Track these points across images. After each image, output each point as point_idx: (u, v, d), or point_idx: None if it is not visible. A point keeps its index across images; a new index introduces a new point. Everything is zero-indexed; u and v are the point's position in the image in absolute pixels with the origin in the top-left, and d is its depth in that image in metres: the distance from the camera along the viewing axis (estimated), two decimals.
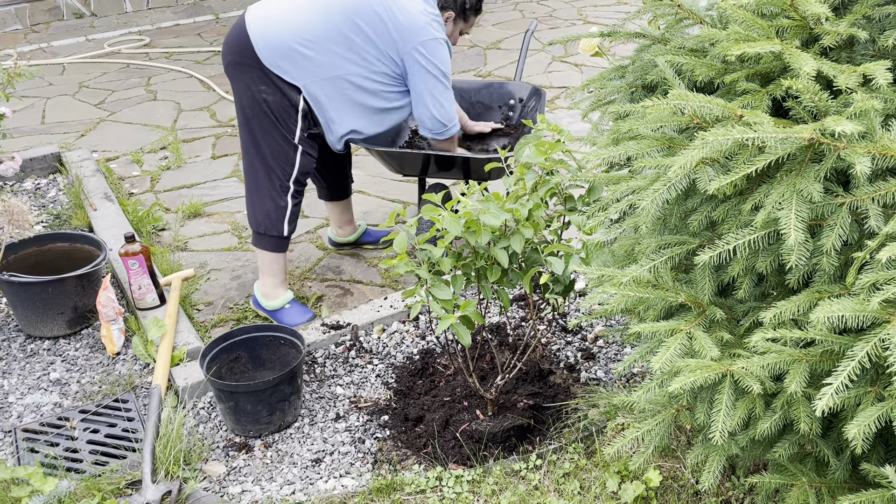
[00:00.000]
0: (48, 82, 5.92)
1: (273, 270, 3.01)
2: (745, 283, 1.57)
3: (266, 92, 2.79)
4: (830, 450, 1.58)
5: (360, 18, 2.75)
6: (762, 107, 1.55)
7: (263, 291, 3.04)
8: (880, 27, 1.56)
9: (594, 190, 2.11)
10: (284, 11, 2.80)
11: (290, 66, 2.76)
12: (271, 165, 2.87)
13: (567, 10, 7.29)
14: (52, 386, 2.72)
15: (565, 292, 2.14)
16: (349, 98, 2.85)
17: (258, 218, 2.93)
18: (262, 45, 2.75)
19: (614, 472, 2.11)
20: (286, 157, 2.87)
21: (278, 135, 2.84)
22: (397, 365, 2.73)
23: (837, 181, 1.46)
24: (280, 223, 2.93)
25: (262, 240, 2.96)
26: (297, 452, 2.39)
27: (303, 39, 2.75)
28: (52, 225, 3.79)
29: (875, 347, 1.27)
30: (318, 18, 2.77)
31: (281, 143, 2.85)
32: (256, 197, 2.93)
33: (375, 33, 2.76)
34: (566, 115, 4.85)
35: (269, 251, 2.98)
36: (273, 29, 2.76)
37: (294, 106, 2.82)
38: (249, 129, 2.87)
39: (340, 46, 2.77)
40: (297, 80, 2.78)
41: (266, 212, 2.91)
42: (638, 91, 2.00)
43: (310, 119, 2.87)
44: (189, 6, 8.03)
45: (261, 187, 2.90)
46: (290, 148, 2.86)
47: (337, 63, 2.79)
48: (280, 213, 2.92)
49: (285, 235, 2.96)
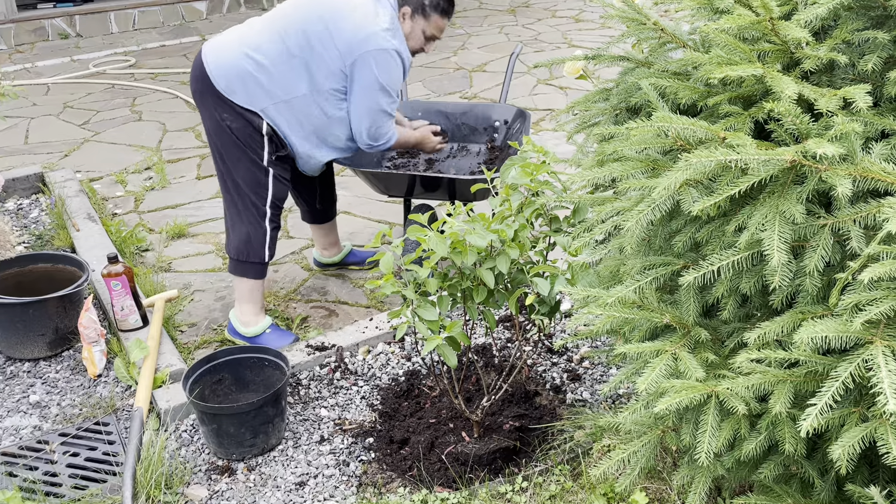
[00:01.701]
0: (32, 102, 5.90)
1: (253, 298, 2.98)
2: (729, 303, 1.58)
3: (229, 119, 2.76)
4: (815, 471, 1.58)
5: (309, 34, 2.70)
6: (745, 129, 1.57)
7: (242, 320, 3.00)
8: (860, 52, 1.59)
9: (579, 211, 2.12)
10: (238, 36, 2.79)
11: (244, 91, 2.74)
12: (245, 192, 2.84)
13: (552, 33, 7.37)
14: (31, 409, 2.68)
15: (551, 313, 2.14)
16: (306, 118, 2.81)
17: (238, 245, 2.90)
18: (216, 72, 2.73)
19: (600, 494, 2.10)
20: (258, 181, 2.84)
21: (247, 160, 2.81)
22: (382, 386, 2.72)
23: (819, 203, 1.47)
24: (261, 249, 2.90)
25: (243, 267, 2.92)
26: (280, 475, 2.36)
27: (255, 63, 2.72)
28: (35, 246, 3.76)
29: (858, 368, 1.28)
30: (270, 41, 2.73)
31: (251, 168, 2.82)
32: (236, 223, 2.89)
33: (323, 47, 2.71)
34: (551, 137, 4.89)
35: (250, 278, 2.94)
36: (226, 55, 2.74)
37: (258, 130, 2.78)
38: (220, 157, 2.85)
39: (293, 68, 2.73)
40: (253, 105, 2.75)
41: (246, 238, 2.88)
42: (622, 113, 2.01)
43: (276, 142, 2.83)
44: (175, 27, 8.05)
45: (239, 214, 2.87)
46: (261, 172, 2.83)
47: (291, 85, 2.75)
48: (260, 238, 2.89)
49: (266, 261, 2.93)
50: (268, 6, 8.75)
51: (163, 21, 8.12)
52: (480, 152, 3.52)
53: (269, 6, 8.75)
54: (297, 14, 2.75)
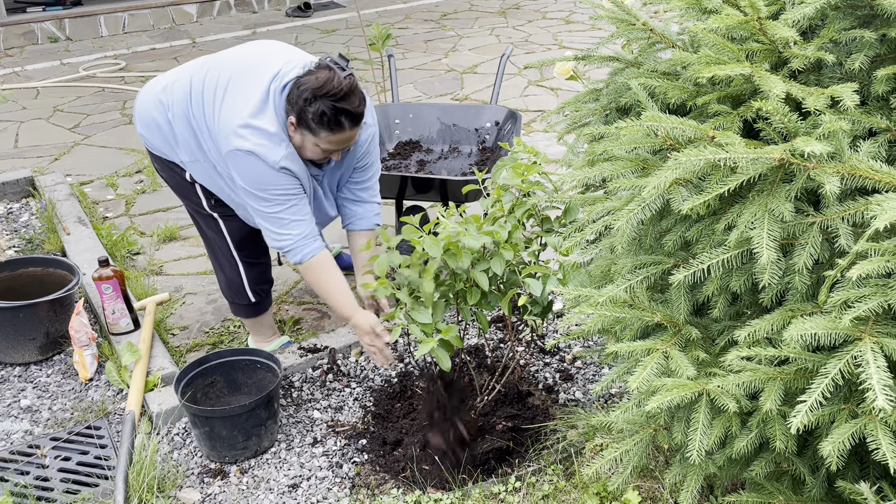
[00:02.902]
0: (22, 106, 5.87)
1: (259, 329, 2.96)
2: (719, 302, 1.59)
3: (158, 167, 2.66)
4: (806, 467, 1.58)
5: (204, 106, 2.40)
6: (733, 128, 1.57)
7: (258, 344, 2.98)
8: (847, 51, 1.60)
9: (570, 211, 2.13)
10: (159, 84, 2.55)
11: (158, 143, 2.55)
12: (210, 238, 2.75)
13: (542, 35, 7.38)
14: (22, 413, 2.67)
15: (543, 313, 2.15)
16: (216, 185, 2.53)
17: (223, 289, 2.86)
18: (137, 121, 2.59)
19: (593, 494, 2.11)
20: (214, 227, 2.68)
21: (193, 209, 2.69)
22: (375, 388, 2.72)
23: (808, 201, 1.48)
24: (242, 290, 2.78)
25: (237, 308, 2.90)
26: (273, 478, 2.36)
27: (165, 117, 2.48)
28: (25, 250, 3.74)
29: (848, 365, 1.29)
30: (182, 97, 2.44)
31: (200, 216, 2.69)
32: (216, 270, 2.85)
33: (201, 130, 2.43)
34: (542, 138, 4.90)
35: (245, 318, 2.93)
36: (147, 100, 2.55)
37: (189, 182, 2.59)
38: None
39: (188, 130, 2.46)
40: (171, 157, 2.55)
41: (227, 282, 2.81)
42: (612, 114, 2.02)
43: (208, 190, 2.59)
44: (165, 30, 8.03)
45: (214, 261, 2.83)
46: (210, 219, 2.67)
47: (191, 149, 2.48)
48: (238, 284, 2.77)
49: (253, 302, 2.82)
50: (258, 9, 8.74)
51: (153, 24, 8.10)
52: (471, 153, 3.52)
53: (260, 9, 8.74)
54: (212, 73, 2.42)
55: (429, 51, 7.01)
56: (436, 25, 7.93)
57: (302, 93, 2.22)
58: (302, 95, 2.22)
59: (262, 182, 2.33)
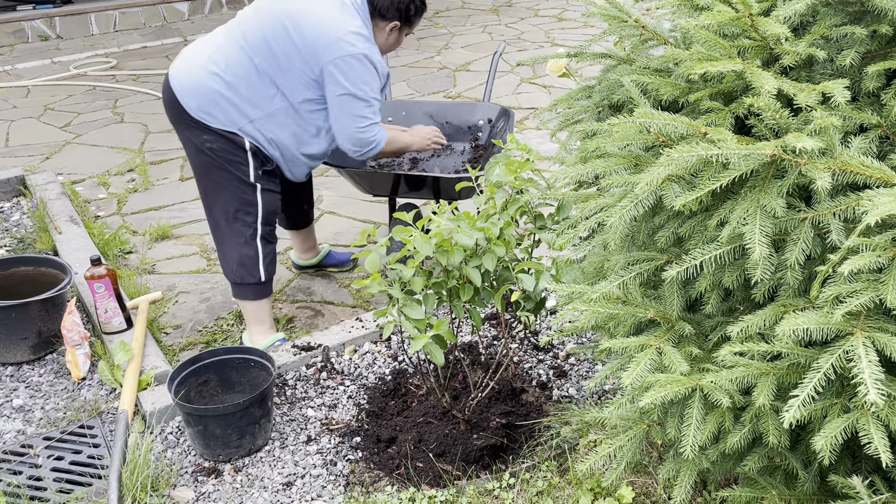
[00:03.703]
0: (12, 105, 5.84)
1: (259, 318, 2.94)
2: (712, 297, 1.59)
3: (209, 140, 2.69)
4: (799, 462, 1.59)
5: (272, 45, 2.61)
6: (725, 124, 1.58)
7: (253, 340, 2.96)
8: (838, 47, 1.61)
9: (563, 208, 2.13)
10: (202, 55, 2.67)
11: (218, 113, 2.66)
12: (234, 213, 2.77)
13: (535, 32, 7.38)
14: (15, 413, 2.66)
15: (536, 310, 2.15)
16: (285, 131, 2.73)
17: (232, 268, 2.84)
18: (186, 97, 2.65)
19: (587, 490, 2.11)
20: (247, 199, 2.76)
21: (234, 179, 2.73)
22: (369, 386, 2.72)
23: (800, 196, 1.49)
24: (256, 269, 2.82)
25: (242, 290, 2.87)
26: (267, 476, 2.35)
27: (224, 83, 2.64)
28: (16, 249, 3.72)
29: (839, 359, 1.29)
30: (236, 57, 2.64)
31: (239, 187, 2.74)
32: (227, 248, 2.83)
33: (288, 58, 2.61)
34: (535, 135, 4.90)
35: (251, 300, 2.90)
36: (194, 77, 2.65)
37: (241, 147, 2.71)
38: (205, 183, 2.78)
39: (262, 83, 2.65)
40: (229, 126, 2.67)
41: (239, 261, 2.81)
42: (605, 110, 2.02)
43: (261, 156, 2.76)
44: (156, 28, 8.00)
45: (229, 238, 2.81)
46: (249, 189, 2.75)
47: (263, 102, 2.67)
48: (253, 259, 2.81)
49: (263, 280, 2.85)
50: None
51: (144, 22, 8.07)
52: (465, 151, 3.52)
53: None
54: (258, 23, 2.63)
55: (421, 48, 7.01)
56: (428, 23, 7.93)
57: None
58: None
59: (367, 82, 2.63)
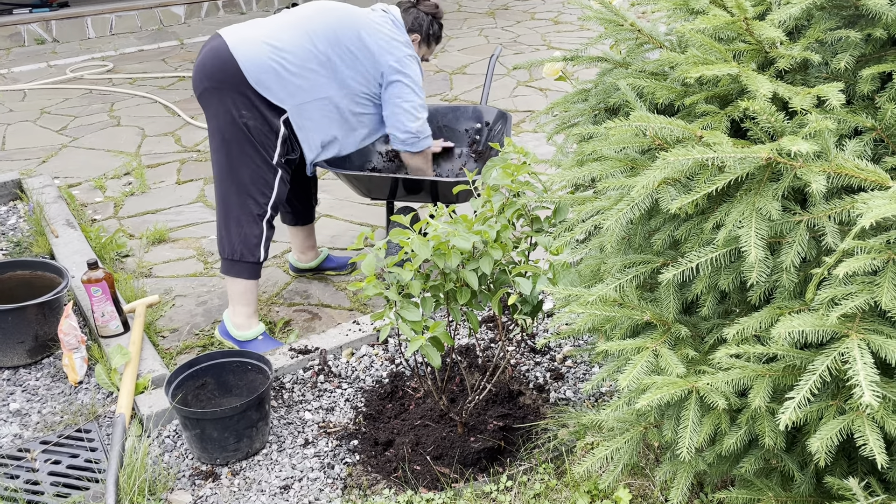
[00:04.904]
0: (9, 108, 5.84)
1: (247, 300, 2.96)
2: (708, 300, 1.60)
3: (247, 116, 2.80)
4: (795, 464, 1.60)
5: (341, 39, 2.87)
6: (721, 128, 1.59)
7: (235, 322, 2.98)
8: (832, 51, 1.62)
9: (560, 211, 2.13)
10: (262, 33, 2.83)
11: (276, 87, 2.80)
12: (249, 190, 2.85)
13: (531, 35, 7.40)
14: (11, 417, 2.66)
15: (533, 312, 2.15)
16: (331, 118, 2.93)
17: (233, 244, 2.88)
18: (248, 65, 2.76)
19: (584, 492, 2.11)
20: (265, 180, 2.87)
21: (258, 158, 2.84)
22: (367, 389, 2.72)
23: (795, 199, 1.49)
24: (257, 248, 2.91)
25: (237, 267, 2.90)
26: (265, 480, 2.35)
27: (283, 63, 2.80)
28: (13, 252, 3.72)
29: (835, 361, 1.30)
30: (298, 42, 2.84)
31: (260, 166, 2.85)
32: (232, 223, 2.87)
33: (356, 53, 2.90)
34: (532, 138, 4.91)
35: (244, 279, 2.92)
36: (255, 50, 2.79)
37: (275, 132, 2.85)
38: (227, 154, 2.84)
39: (321, 70, 2.86)
40: (284, 102, 2.82)
41: (243, 237, 2.87)
42: (601, 114, 2.03)
43: (288, 144, 2.90)
44: (153, 32, 8.00)
45: (237, 213, 2.86)
46: (270, 171, 2.87)
47: (319, 86, 2.87)
48: (257, 238, 2.90)
49: (261, 261, 2.93)
50: (246, 10, 8.72)
51: (140, 26, 8.07)
52: (462, 154, 3.53)
53: (248, 10, 8.72)
54: (325, 20, 2.90)
55: None
56: None
57: (428, 15, 3.14)
58: (427, 18, 3.14)
59: (421, 80, 3.06)
